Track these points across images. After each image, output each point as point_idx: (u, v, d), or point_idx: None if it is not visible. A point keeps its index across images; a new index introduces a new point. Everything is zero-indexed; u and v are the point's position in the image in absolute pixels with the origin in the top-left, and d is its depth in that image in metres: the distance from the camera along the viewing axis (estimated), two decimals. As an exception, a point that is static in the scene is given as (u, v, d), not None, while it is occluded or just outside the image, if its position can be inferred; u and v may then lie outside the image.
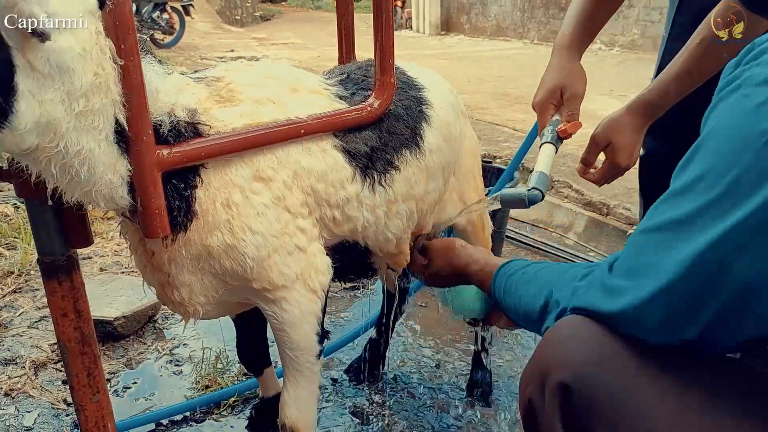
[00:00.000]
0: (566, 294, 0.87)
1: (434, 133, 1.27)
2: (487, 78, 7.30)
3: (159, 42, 10.88)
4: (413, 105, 1.25)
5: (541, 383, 0.78)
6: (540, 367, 0.80)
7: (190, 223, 0.99)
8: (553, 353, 0.79)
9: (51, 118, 0.80)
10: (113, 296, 2.13)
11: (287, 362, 1.14)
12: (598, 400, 0.73)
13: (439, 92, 1.35)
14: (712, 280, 0.67)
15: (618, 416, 0.71)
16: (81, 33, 0.80)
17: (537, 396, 0.79)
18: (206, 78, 1.06)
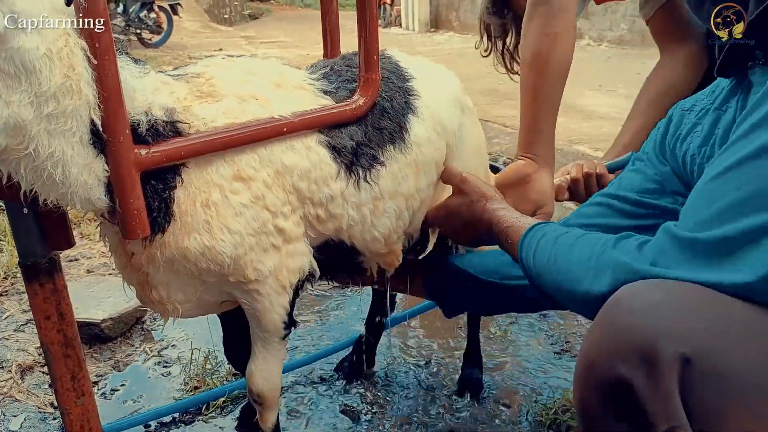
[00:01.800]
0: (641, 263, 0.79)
1: (423, 125, 1.24)
2: (476, 75, 7.30)
3: (147, 41, 10.82)
4: (399, 96, 1.23)
5: (646, 358, 0.68)
6: (641, 340, 0.69)
7: (168, 225, 0.98)
8: (660, 322, 0.69)
9: (19, 120, 0.79)
10: (100, 298, 2.11)
11: (256, 339, 1.21)
12: (724, 374, 0.66)
13: (431, 83, 1.31)
14: None
15: (749, 388, 0.65)
16: (48, 33, 0.78)
17: (642, 374, 0.68)
18: (186, 74, 1.05)
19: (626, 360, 0.69)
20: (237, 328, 1.34)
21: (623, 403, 0.70)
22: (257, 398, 1.25)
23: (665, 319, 0.69)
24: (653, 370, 0.67)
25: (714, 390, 0.66)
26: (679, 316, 0.69)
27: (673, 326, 0.68)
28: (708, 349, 0.66)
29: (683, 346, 0.66)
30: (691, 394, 0.66)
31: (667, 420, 0.66)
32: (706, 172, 0.78)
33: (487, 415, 1.67)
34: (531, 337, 2.04)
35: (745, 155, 0.72)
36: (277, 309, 1.16)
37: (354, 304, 2.26)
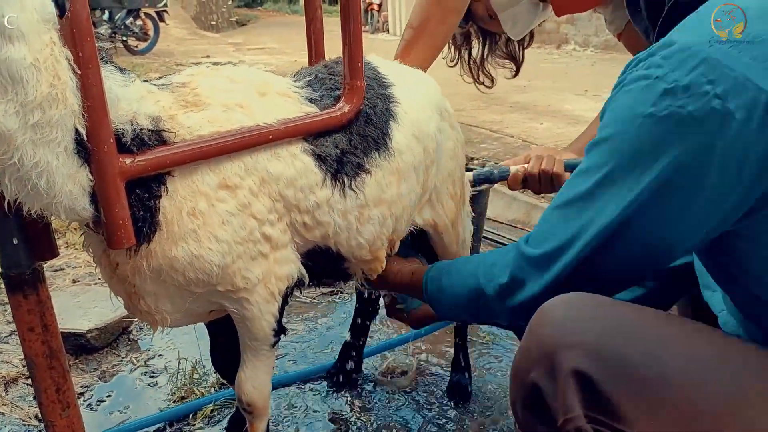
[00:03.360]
0: (498, 270, 0.99)
1: (403, 131, 1.25)
2: (463, 80, 7.34)
3: (133, 49, 10.78)
4: (380, 103, 1.24)
5: (550, 366, 0.79)
6: (544, 350, 0.80)
7: (153, 235, 0.97)
8: (558, 332, 0.80)
9: (4, 129, 0.78)
10: (86, 308, 2.09)
11: (245, 348, 1.21)
12: (620, 384, 0.76)
13: (410, 89, 1.32)
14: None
15: (644, 384, 0.76)
16: (34, 43, 0.78)
17: (545, 380, 0.80)
18: (171, 84, 1.05)
19: (537, 367, 0.81)
20: (224, 336, 1.33)
21: (536, 405, 0.81)
22: (247, 407, 1.24)
23: (566, 330, 0.80)
24: (554, 376, 0.78)
25: (607, 388, 0.76)
26: (577, 325, 0.81)
27: (568, 337, 0.80)
28: (599, 355, 0.77)
29: (577, 357, 0.77)
30: (588, 393, 0.76)
31: (564, 413, 0.77)
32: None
33: (474, 421, 1.67)
34: (516, 341, 2.04)
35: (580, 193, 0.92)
36: (267, 317, 1.15)
37: (342, 311, 2.26)
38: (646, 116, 0.78)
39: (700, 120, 0.74)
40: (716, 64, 0.74)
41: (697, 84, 0.74)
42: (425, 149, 1.31)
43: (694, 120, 0.74)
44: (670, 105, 0.75)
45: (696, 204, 0.78)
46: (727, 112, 0.73)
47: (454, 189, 1.46)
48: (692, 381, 0.76)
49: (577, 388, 0.76)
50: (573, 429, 0.77)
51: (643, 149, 0.79)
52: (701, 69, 0.74)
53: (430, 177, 1.36)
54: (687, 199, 0.78)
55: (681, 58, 0.76)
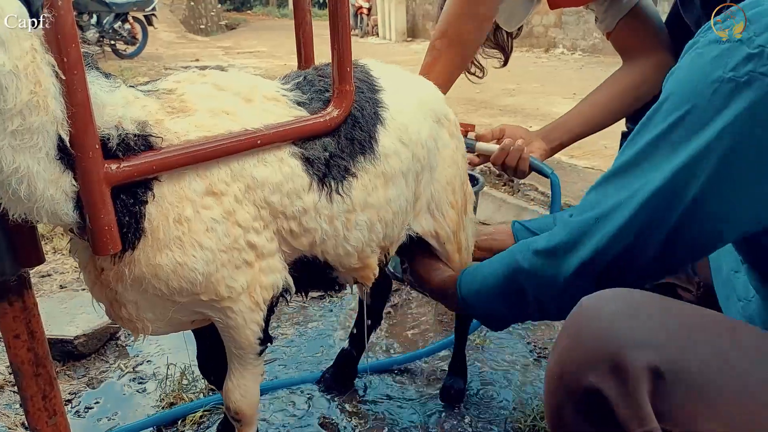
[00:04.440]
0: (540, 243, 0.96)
1: (389, 136, 1.24)
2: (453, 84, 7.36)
3: (121, 53, 10.73)
4: (368, 107, 1.23)
5: (617, 367, 0.70)
6: (607, 349, 0.71)
7: (138, 242, 0.96)
8: (625, 331, 0.72)
9: None
10: (73, 314, 2.07)
11: (232, 357, 1.20)
12: (689, 378, 0.69)
13: (401, 94, 1.31)
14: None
15: (712, 389, 0.69)
16: (14, 50, 0.77)
17: (611, 384, 0.70)
18: (157, 90, 1.04)
19: (595, 368, 0.71)
20: (211, 343, 1.32)
21: (594, 411, 0.72)
22: (236, 415, 1.23)
23: (631, 328, 0.72)
24: (623, 378, 0.69)
25: (681, 394, 0.68)
26: (643, 323, 0.73)
27: (638, 333, 0.71)
28: (673, 356, 0.70)
29: (651, 356, 0.69)
30: (660, 398, 0.69)
31: (639, 425, 0.68)
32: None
33: (466, 423, 1.67)
34: (509, 343, 2.05)
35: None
36: (251, 326, 1.14)
37: (333, 315, 2.25)
38: (724, 81, 0.73)
39: None
40: None
41: None
42: (414, 155, 1.29)
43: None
44: (752, 71, 0.71)
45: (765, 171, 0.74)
46: None
47: (455, 197, 1.44)
48: (762, 393, 0.70)
49: (652, 392, 0.69)
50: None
51: (715, 114, 0.74)
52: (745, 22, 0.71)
53: (421, 184, 1.35)
54: (757, 167, 0.74)
55: (723, 16, 0.74)
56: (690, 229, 0.79)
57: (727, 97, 0.73)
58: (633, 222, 0.82)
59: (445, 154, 1.41)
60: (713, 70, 0.75)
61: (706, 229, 0.79)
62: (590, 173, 3.56)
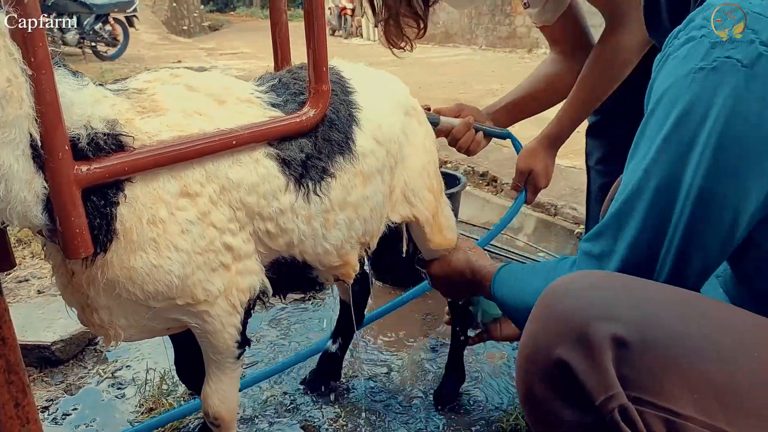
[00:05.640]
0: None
1: (365, 136, 1.25)
2: (437, 84, 7.38)
3: (102, 54, 10.61)
4: (343, 109, 1.24)
5: (582, 338, 0.73)
6: (573, 323, 0.74)
7: (110, 244, 0.94)
8: (590, 305, 0.75)
9: None
10: (51, 319, 2.03)
11: (209, 362, 1.18)
12: (657, 350, 0.71)
13: (371, 92, 1.32)
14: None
15: (677, 354, 0.71)
16: None
17: (577, 356, 0.73)
18: (127, 90, 1.02)
19: (562, 342, 0.74)
20: (189, 347, 1.30)
21: (563, 383, 0.74)
22: (214, 421, 1.21)
23: (595, 301, 0.75)
24: (588, 349, 0.72)
25: (645, 360, 0.71)
26: (607, 297, 0.76)
27: (602, 307, 0.74)
28: (638, 323, 0.72)
29: (614, 327, 0.72)
30: (626, 366, 0.71)
31: (604, 390, 0.71)
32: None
33: (450, 422, 1.66)
34: (492, 343, 2.05)
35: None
36: (229, 329, 1.13)
37: (315, 317, 2.24)
38: (695, 71, 0.79)
39: (748, 65, 0.76)
40: (758, 17, 0.78)
41: (744, 34, 0.77)
42: (388, 152, 1.31)
43: (743, 66, 0.76)
44: (718, 57, 0.78)
45: (754, 155, 0.77)
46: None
47: (431, 181, 1.46)
48: (732, 355, 0.73)
49: (615, 360, 0.71)
50: (616, 407, 0.70)
51: (696, 104, 0.79)
52: (746, 21, 0.77)
53: (395, 177, 1.36)
54: (745, 150, 0.77)
55: (723, 15, 0.79)
56: (701, 226, 0.80)
57: (701, 83, 0.78)
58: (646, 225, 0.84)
59: (416, 142, 1.43)
60: (685, 65, 0.80)
61: (718, 221, 0.80)
62: (572, 172, 3.58)
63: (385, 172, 1.31)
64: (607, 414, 0.70)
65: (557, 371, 0.74)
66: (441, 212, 1.52)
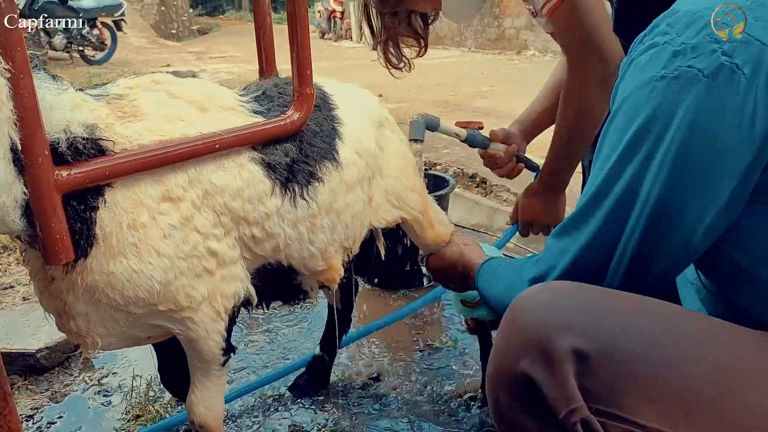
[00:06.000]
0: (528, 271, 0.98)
1: (347, 148, 1.27)
2: (426, 86, 7.39)
3: (90, 58, 10.54)
4: (326, 123, 1.26)
5: (544, 351, 0.74)
6: (535, 337, 0.75)
7: (90, 249, 0.93)
8: (551, 318, 0.76)
9: None
10: (36, 326, 2.01)
11: (195, 369, 1.17)
12: (617, 362, 0.72)
13: (350, 108, 1.35)
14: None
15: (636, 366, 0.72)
16: None
17: (540, 369, 0.74)
18: (107, 95, 1.01)
19: (526, 356, 0.75)
20: (173, 355, 1.29)
21: (528, 396, 0.75)
22: (200, 429, 1.20)
23: (556, 314, 0.76)
24: (549, 362, 0.73)
25: (606, 372, 0.72)
26: (568, 310, 0.77)
27: (563, 320, 0.75)
28: (598, 336, 0.73)
29: (575, 339, 0.73)
30: (587, 379, 0.72)
31: (566, 404, 0.72)
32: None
33: (440, 424, 1.66)
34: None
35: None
36: (213, 336, 1.12)
37: (303, 321, 2.23)
38: (657, 79, 0.78)
39: (710, 76, 0.75)
40: (719, 27, 0.76)
41: (705, 43, 0.76)
42: (367, 164, 1.34)
43: (705, 77, 0.75)
44: (679, 66, 0.77)
45: (713, 166, 0.76)
46: (735, 67, 0.74)
47: (412, 182, 1.49)
48: (688, 362, 0.74)
49: (577, 373, 0.72)
50: (578, 420, 0.71)
51: (657, 114, 0.78)
52: (707, 30, 0.76)
53: (372, 186, 1.38)
54: (704, 161, 0.77)
55: (687, 23, 0.78)
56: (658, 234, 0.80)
57: (662, 93, 0.78)
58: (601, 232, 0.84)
59: (391, 151, 1.45)
60: (647, 72, 0.80)
61: (675, 229, 0.80)
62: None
63: (364, 183, 1.33)
64: (570, 427, 0.71)
65: (522, 384, 0.76)
66: (430, 209, 1.54)
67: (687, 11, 0.79)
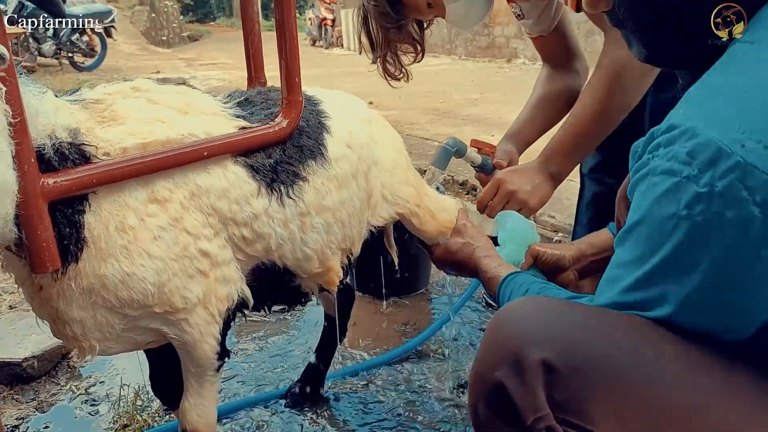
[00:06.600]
0: None
1: (336, 141, 1.27)
2: (417, 94, 7.42)
3: (79, 65, 10.51)
4: (312, 117, 1.25)
5: (516, 362, 0.77)
6: (511, 348, 0.79)
7: (81, 253, 0.93)
8: (526, 331, 0.80)
9: None
10: (22, 335, 1.99)
11: (188, 375, 1.16)
12: (585, 375, 0.76)
13: (336, 103, 1.35)
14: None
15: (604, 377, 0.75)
16: None
17: (511, 377, 0.78)
18: (83, 100, 1.01)
19: (501, 366, 0.79)
20: (164, 361, 1.29)
21: (501, 405, 0.79)
22: None
23: (530, 327, 0.80)
24: (521, 373, 0.77)
25: (572, 384, 0.76)
26: (541, 323, 0.80)
27: (536, 332, 0.79)
28: (567, 349, 0.77)
29: (545, 352, 0.77)
30: (556, 390, 0.76)
31: (533, 412, 0.76)
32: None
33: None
34: (472, 354, 2.05)
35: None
36: (208, 339, 1.12)
37: (293, 329, 2.22)
38: (682, 218, 0.73)
39: (740, 225, 0.69)
40: (752, 171, 0.68)
41: (734, 190, 0.69)
42: (360, 157, 1.32)
43: (735, 225, 0.70)
44: (705, 210, 0.70)
45: (749, 289, 0.73)
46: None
47: (406, 174, 1.47)
48: (654, 377, 0.76)
49: (545, 384, 0.75)
50: (544, 427, 0.75)
51: (684, 250, 0.74)
52: (737, 174, 0.68)
53: (370, 180, 1.37)
54: (745, 282, 0.73)
55: (711, 158, 0.70)
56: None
57: (687, 232, 0.73)
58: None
59: (385, 144, 1.44)
60: (667, 206, 0.74)
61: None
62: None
63: (360, 177, 1.32)
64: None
65: (497, 393, 0.80)
66: (427, 199, 1.50)
67: (710, 140, 0.70)
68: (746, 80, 0.73)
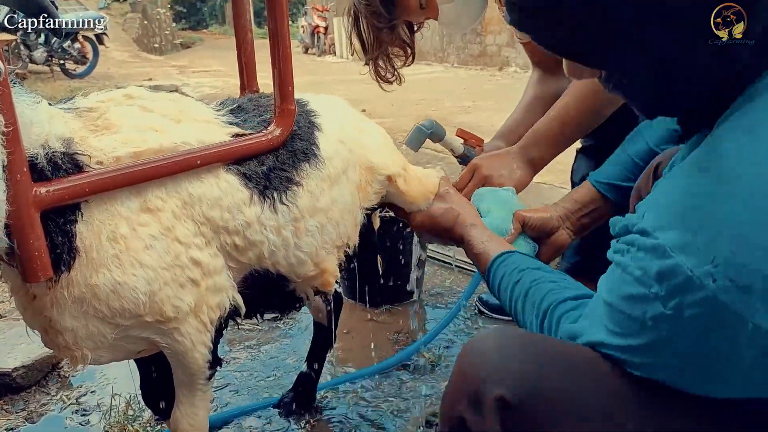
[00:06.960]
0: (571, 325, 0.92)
1: (328, 138, 1.28)
2: (409, 101, 7.45)
3: (71, 72, 10.48)
4: (302, 118, 1.26)
5: (476, 399, 0.78)
6: (471, 383, 0.80)
7: (73, 262, 0.93)
8: (485, 366, 0.80)
9: None
10: (12, 344, 1.97)
11: (180, 384, 1.16)
12: (540, 412, 0.76)
13: (321, 102, 1.36)
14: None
15: (563, 417, 0.76)
16: None
17: (471, 414, 0.79)
18: (77, 108, 1.01)
19: (463, 400, 0.81)
20: (155, 370, 1.28)
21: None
22: None
23: (491, 363, 0.81)
24: (479, 408, 0.78)
25: (527, 421, 0.76)
26: (500, 359, 0.81)
27: (494, 369, 0.80)
28: (521, 386, 0.77)
29: (501, 389, 0.77)
30: (511, 426, 0.76)
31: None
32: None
33: (423, 443, 1.65)
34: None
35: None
36: (200, 348, 1.11)
37: (285, 337, 2.21)
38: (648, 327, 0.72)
39: (707, 346, 0.69)
40: (722, 311, 0.66)
41: (702, 321, 0.67)
42: (351, 150, 1.33)
43: (702, 343, 0.69)
44: (671, 328, 0.70)
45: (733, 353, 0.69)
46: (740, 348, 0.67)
47: (392, 154, 1.46)
48: (609, 414, 0.76)
49: (501, 420, 0.76)
50: None
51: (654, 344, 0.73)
52: (706, 309, 0.66)
53: (359, 168, 1.37)
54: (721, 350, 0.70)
55: (680, 286, 0.68)
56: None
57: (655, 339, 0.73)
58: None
59: (370, 133, 1.45)
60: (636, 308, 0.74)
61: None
62: (544, 188, 3.64)
63: (350, 170, 1.32)
64: None
65: (460, 426, 0.81)
66: (411, 168, 1.50)
67: (680, 269, 0.67)
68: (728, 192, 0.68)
